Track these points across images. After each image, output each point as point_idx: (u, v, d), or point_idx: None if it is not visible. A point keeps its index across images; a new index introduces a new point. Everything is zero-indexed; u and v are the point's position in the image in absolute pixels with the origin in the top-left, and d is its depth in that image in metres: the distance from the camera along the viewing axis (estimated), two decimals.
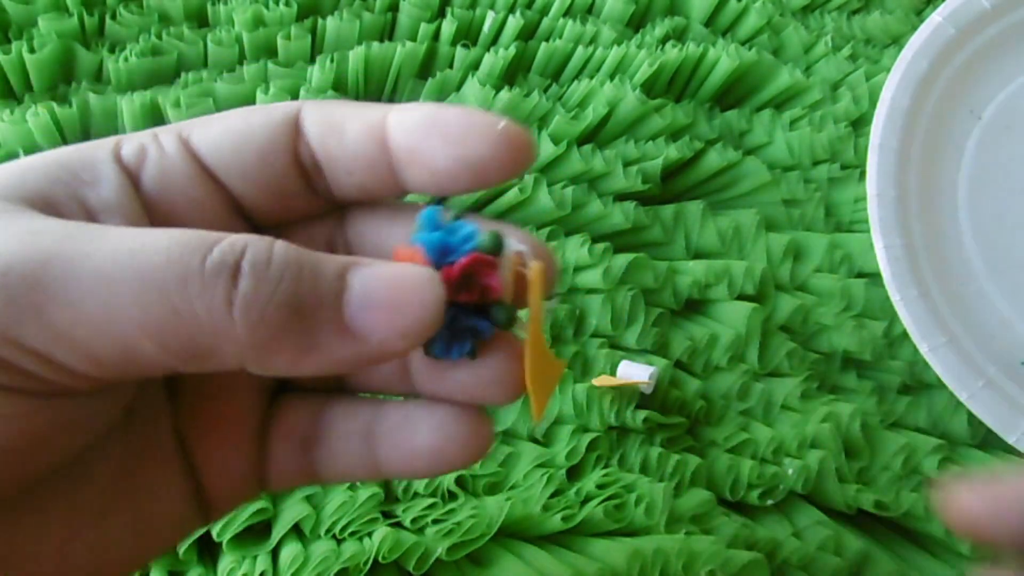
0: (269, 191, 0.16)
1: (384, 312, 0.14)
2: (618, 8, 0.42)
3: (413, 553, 0.27)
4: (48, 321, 0.13)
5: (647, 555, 0.27)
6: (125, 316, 0.13)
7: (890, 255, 0.34)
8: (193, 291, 0.13)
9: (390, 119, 0.16)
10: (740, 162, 0.38)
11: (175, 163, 0.16)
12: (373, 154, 0.16)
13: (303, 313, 0.13)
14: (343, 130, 0.16)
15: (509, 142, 0.15)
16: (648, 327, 0.34)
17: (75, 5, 0.38)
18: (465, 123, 0.15)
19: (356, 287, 0.14)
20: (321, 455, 0.18)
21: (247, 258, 0.13)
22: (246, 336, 0.13)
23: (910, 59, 0.36)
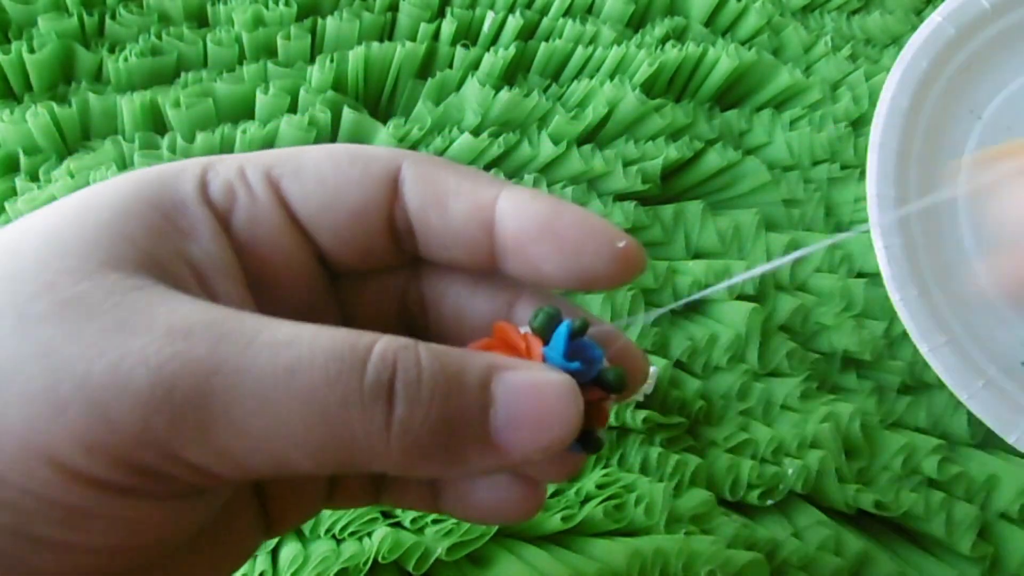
0: (357, 248, 0.16)
1: (529, 430, 0.14)
2: (618, 8, 0.42)
3: (413, 553, 0.27)
4: (211, 440, 0.13)
5: (647, 555, 0.27)
6: (285, 435, 0.13)
7: (890, 255, 0.34)
8: (354, 415, 0.13)
9: (501, 206, 0.15)
10: (740, 162, 0.38)
11: (265, 211, 0.15)
12: (477, 238, 0.16)
13: (452, 433, 0.13)
14: (447, 206, 0.16)
15: (626, 262, 0.15)
16: (648, 327, 0.34)
17: (75, 5, 0.38)
18: (584, 235, 0.15)
19: (501, 400, 0.14)
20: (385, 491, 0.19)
21: (399, 377, 0.13)
22: (399, 457, 0.13)
23: (910, 59, 0.36)
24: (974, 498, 0.32)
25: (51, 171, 0.34)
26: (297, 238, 0.16)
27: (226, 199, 0.15)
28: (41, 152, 0.35)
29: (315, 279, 0.17)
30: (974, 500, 0.32)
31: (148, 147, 0.35)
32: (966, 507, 0.32)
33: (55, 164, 0.34)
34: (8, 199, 0.33)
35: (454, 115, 0.37)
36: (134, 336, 0.12)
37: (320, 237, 0.16)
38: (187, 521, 0.14)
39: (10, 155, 0.34)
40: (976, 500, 0.32)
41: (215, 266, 0.15)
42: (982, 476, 0.32)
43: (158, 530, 0.14)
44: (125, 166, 0.34)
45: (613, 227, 0.15)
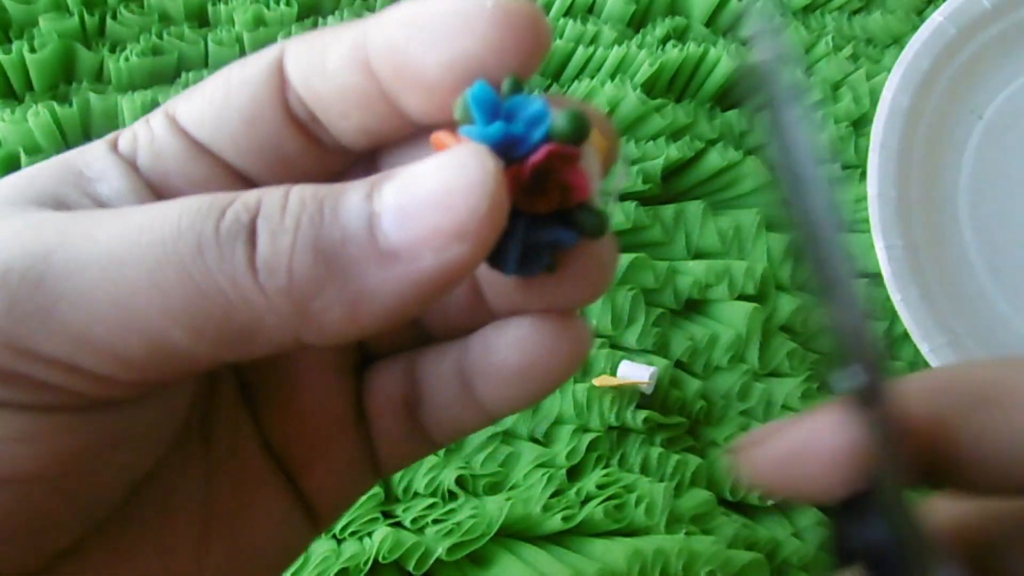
0: (267, 156, 0.14)
1: (423, 216, 0.11)
2: (619, 8, 0.41)
3: (413, 553, 0.27)
4: (61, 322, 0.11)
5: (647, 555, 0.27)
6: (144, 302, 0.11)
7: (891, 255, 0.34)
8: (211, 261, 0.11)
9: (368, 38, 0.13)
10: (741, 162, 0.38)
11: (166, 143, 0.14)
12: (361, 85, 0.13)
13: (330, 254, 0.11)
14: (324, 64, 0.13)
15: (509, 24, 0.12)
16: (648, 327, 0.33)
17: (76, 5, 0.38)
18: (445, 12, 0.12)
19: (387, 203, 0.11)
20: (428, 415, 0.15)
21: (261, 213, 0.11)
22: (281, 302, 0.11)
23: (911, 59, 0.36)
24: None
25: None
26: (209, 163, 0.14)
27: (131, 146, 0.14)
28: (42, 152, 0.35)
29: None
30: None
31: None
32: None
33: None
34: None
35: None
36: None
37: (224, 152, 0.14)
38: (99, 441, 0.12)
39: (11, 155, 0.34)
40: None
41: (125, 199, 0.13)
42: None
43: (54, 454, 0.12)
44: None
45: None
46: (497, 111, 0.12)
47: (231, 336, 0.11)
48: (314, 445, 0.15)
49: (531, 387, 0.14)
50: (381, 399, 0.16)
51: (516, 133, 0.12)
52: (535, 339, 0.14)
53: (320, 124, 0.14)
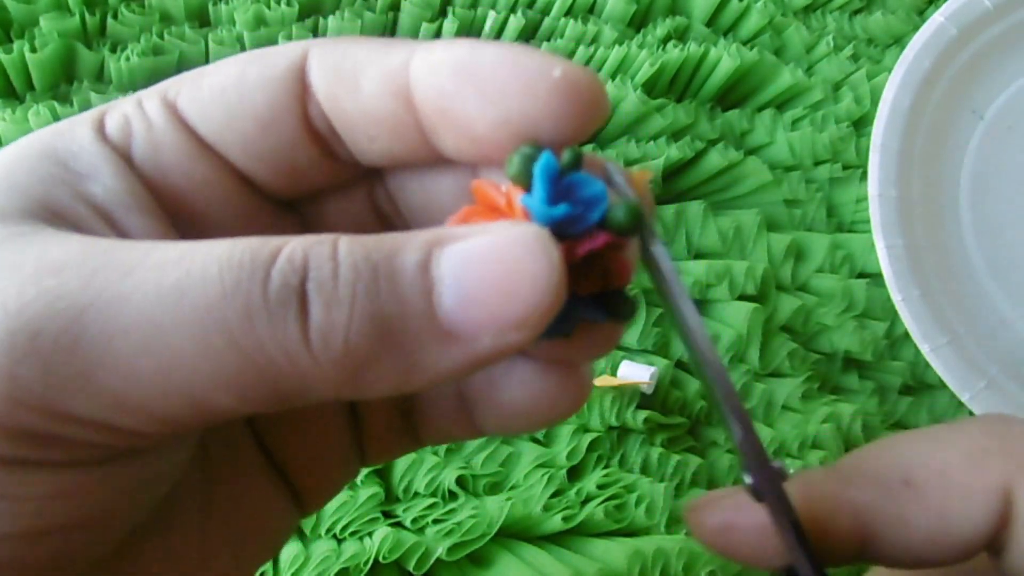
0: (279, 164, 0.13)
1: (487, 303, 0.11)
2: (619, 8, 0.41)
3: (413, 553, 0.27)
4: (99, 387, 0.10)
5: (647, 555, 0.27)
6: (189, 368, 0.10)
7: (892, 255, 0.34)
8: (262, 330, 0.10)
9: (414, 66, 0.12)
10: (741, 162, 0.38)
11: (166, 137, 0.13)
12: (397, 114, 0.13)
13: (391, 329, 0.11)
14: (357, 84, 0.13)
15: (571, 95, 0.12)
16: (649, 327, 0.33)
17: (77, 4, 0.38)
18: (507, 72, 0.12)
19: (446, 278, 0.11)
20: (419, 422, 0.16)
21: (311, 277, 0.11)
22: (334, 373, 0.11)
23: (912, 59, 0.36)
24: None
25: None
26: (212, 162, 0.13)
27: (123, 133, 0.13)
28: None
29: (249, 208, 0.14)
30: None
31: None
32: None
33: None
34: None
35: None
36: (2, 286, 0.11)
37: (232, 154, 0.13)
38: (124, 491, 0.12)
39: None
40: None
41: (122, 202, 0.12)
42: None
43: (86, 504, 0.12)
44: None
45: (547, 55, 0.12)
46: (558, 186, 0.12)
47: (276, 399, 0.11)
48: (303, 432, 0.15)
49: (529, 424, 0.15)
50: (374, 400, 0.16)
51: (575, 214, 0.12)
52: (541, 384, 0.14)
53: (339, 139, 0.13)
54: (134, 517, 0.13)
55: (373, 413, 0.16)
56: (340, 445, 0.16)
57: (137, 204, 0.13)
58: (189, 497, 0.14)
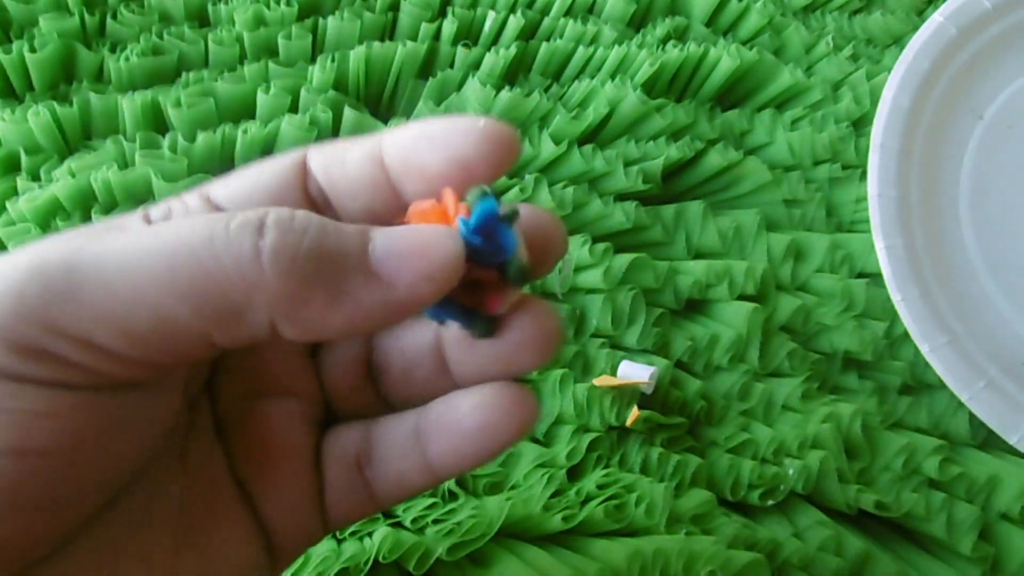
0: None
1: (408, 257, 0.14)
2: (619, 8, 0.41)
3: (413, 553, 0.27)
4: (84, 302, 0.13)
5: (647, 555, 0.27)
6: (155, 282, 0.13)
7: (891, 255, 0.34)
8: (220, 246, 0.13)
9: (384, 141, 0.17)
10: (741, 162, 0.38)
11: (193, 208, 0.16)
12: (373, 175, 0.17)
13: (330, 260, 0.14)
14: (344, 159, 0.17)
15: (492, 139, 0.16)
16: (649, 327, 0.33)
17: (76, 5, 0.38)
18: (449, 128, 0.16)
19: (378, 239, 0.14)
20: (375, 470, 0.18)
21: (271, 216, 0.14)
22: (276, 283, 0.13)
23: (911, 59, 0.36)
24: (975, 499, 0.32)
25: (52, 171, 0.34)
26: None
27: (164, 215, 0.16)
28: (42, 152, 0.35)
29: None
30: (975, 501, 0.32)
31: (149, 147, 0.35)
32: (967, 508, 0.32)
33: (56, 164, 0.34)
34: (9, 198, 0.33)
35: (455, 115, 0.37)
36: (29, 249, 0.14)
37: None
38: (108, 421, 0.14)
39: (11, 154, 0.34)
40: (977, 501, 0.32)
41: None
42: (983, 477, 0.32)
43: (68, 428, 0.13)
44: (126, 165, 0.34)
45: (475, 116, 0.17)
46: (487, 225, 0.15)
47: (224, 312, 0.13)
48: (275, 485, 0.18)
49: (482, 447, 0.17)
50: (336, 452, 0.18)
51: (486, 248, 0.15)
52: (493, 402, 0.17)
53: (331, 207, 0.17)
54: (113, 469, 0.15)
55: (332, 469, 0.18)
56: (306, 498, 0.18)
57: None
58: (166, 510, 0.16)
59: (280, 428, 0.18)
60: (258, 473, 0.18)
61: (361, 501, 0.18)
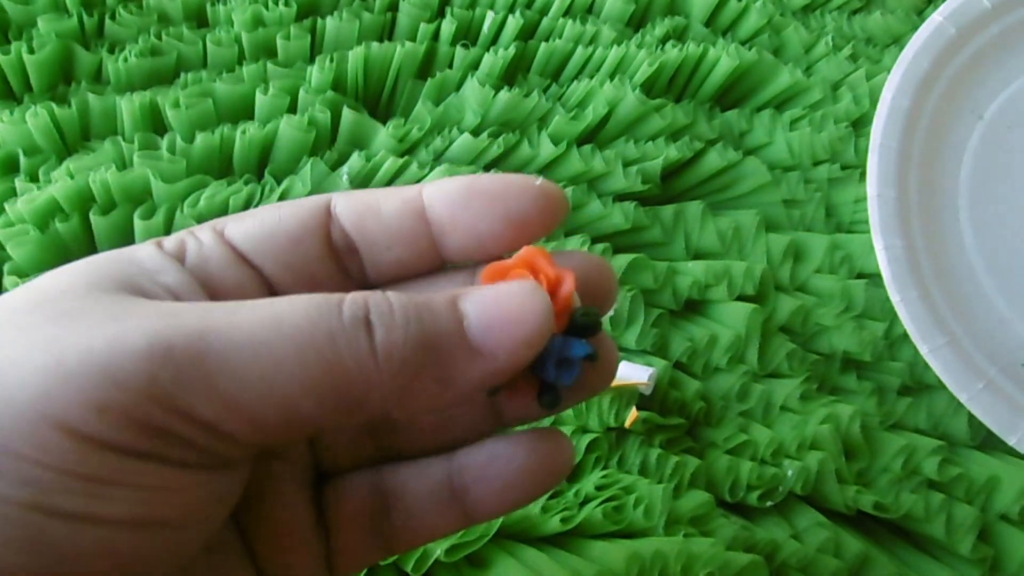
0: (301, 274, 0.17)
1: (504, 326, 0.15)
2: (618, 8, 0.41)
3: (412, 554, 0.27)
4: (217, 391, 0.13)
5: (646, 557, 0.27)
6: (286, 377, 0.14)
7: (890, 256, 0.34)
8: (342, 345, 0.14)
9: (426, 192, 0.17)
10: (740, 162, 0.38)
11: (212, 250, 0.17)
12: (412, 227, 0.17)
13: (434, 347, 0.14)
14: (379, 209, 0.17)
15: (547, 197, 0.16)
16: (647, 328, 0.33)
17: (74, 5, 0.38)
18: (503, 184, 0.16)
19: (471, 312, 0.15)
20: (398, 523, 0.18)
21: (372, 310, 0.14)
22: (391, 379, 0.14)
23: (911, 59, 0.36)
24: (974, 500, 0.32)
25: (51, 172, 0.34)
26: (247, 273, 0.17)
27: (178, 248, 0.17)
28: (41, 153, 0.35)
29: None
30: (974, 502, 0.32)
31: (148, 147, 0.35)
32: (966, 509, 0.32)
33: (55, 165, 0.34)
34: (8, 199, 0.33)
35: (454, 115, 0.37)
36: (128, 320, 0.14)
37: (265, 266, 0.17)
38: (212, 496, 0.15)
39: (10, 155, 0.34)
40: (976, 502, 0.32)
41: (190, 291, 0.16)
42: (982, 477, 0.32)
43: (182, 502, 0.14)
44: (125, 166, 0.34)
45: (527, 176, 0.17)
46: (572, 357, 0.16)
47: (344, 406, 0.14)
48: (281, 553, 0.18)
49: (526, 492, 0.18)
50: (347, 512, 0.18)
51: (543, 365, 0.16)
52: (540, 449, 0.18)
53: (355, 256, 0.18)
54: (202, 534, 0.15)
55: (346, 529, 0.18)
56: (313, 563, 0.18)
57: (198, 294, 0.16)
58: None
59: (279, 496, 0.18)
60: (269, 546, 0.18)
61: (374, 552, 0.18)
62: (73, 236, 0.33)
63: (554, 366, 0.16)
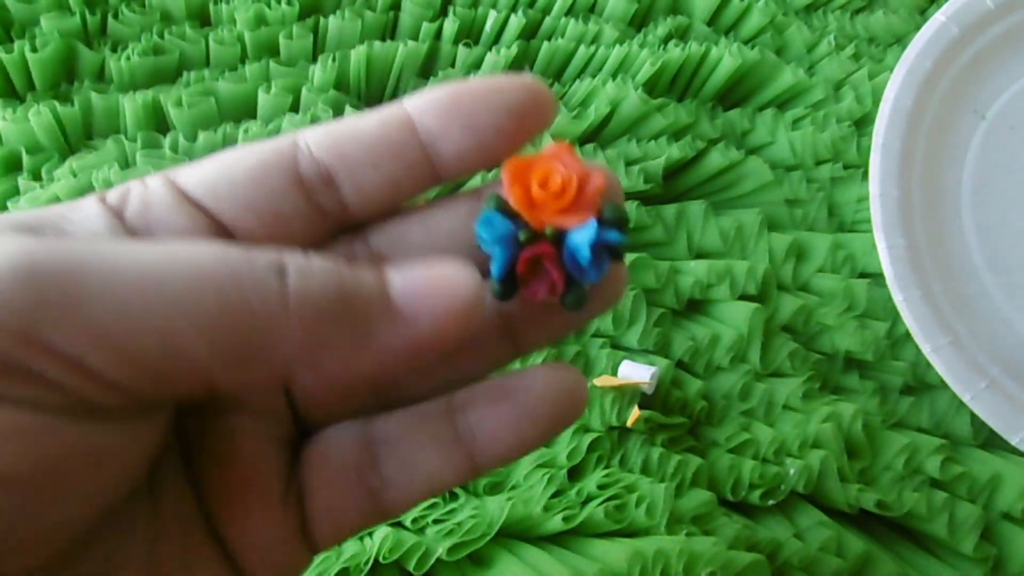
0: (264, 214, 0.15)
1: (430, 292, 0.13)
2: (620, 7, 0.41)
3: (414, 553, 0.27)
4: (86, 318, 0.11)
5: (648, 556, 0.27)
6: (172, 307, 0.12)
7: (893, 255, 0.34)
8: (248, 284, 0.12)
9: (409, 104, 0.15)
10: (742, 162, 0.38)
11: (156, 195, 0.15)
12: (400, 138, 0.15)
13: (351, 300, 0.13)
14: (357, 129, 0.16)
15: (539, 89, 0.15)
16: (650, 327, 0.33)
17: (77, 4, 0.38)
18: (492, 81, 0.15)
19: (397, 278, 0.14)
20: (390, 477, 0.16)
21: (290, 260, 0.13)
22: (300, 327, 0.13)
23: (913, 58, 0.35)
24: (977, 498, 0.32)
25: (53, 170, 0.34)
26: (196, 217, 0.15)
27: (120, 198, 0.15)
28: (43, 151, 0.35)
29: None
30: (977, 500, 0.32)
31: (150, 146, 0.35)
32: (969, 507, 0.32)
33: (57, 163, 0.34)
34: (11, 198, 0.33)
35: None
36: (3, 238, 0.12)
37: (220, 208, 0.15)
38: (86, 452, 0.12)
39: (13, 154, 0.34)
40: (979, 500, 0.32)
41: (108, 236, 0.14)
42: (985, 476, 0.32)
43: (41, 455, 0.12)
44: (127, 165, 0.34)
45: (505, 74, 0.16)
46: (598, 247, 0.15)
47: (241, 353, 0.12)
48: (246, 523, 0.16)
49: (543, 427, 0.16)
50: (327, 467, 0.16)
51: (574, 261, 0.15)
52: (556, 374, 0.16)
53: (331, 186, 0.16)
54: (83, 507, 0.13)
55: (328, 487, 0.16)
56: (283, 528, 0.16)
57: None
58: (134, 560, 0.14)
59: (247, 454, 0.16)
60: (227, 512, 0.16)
61: (361, 515, 0.16)
62: None
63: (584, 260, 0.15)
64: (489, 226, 0.15)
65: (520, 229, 0.15)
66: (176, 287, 0.12)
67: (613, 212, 0.16)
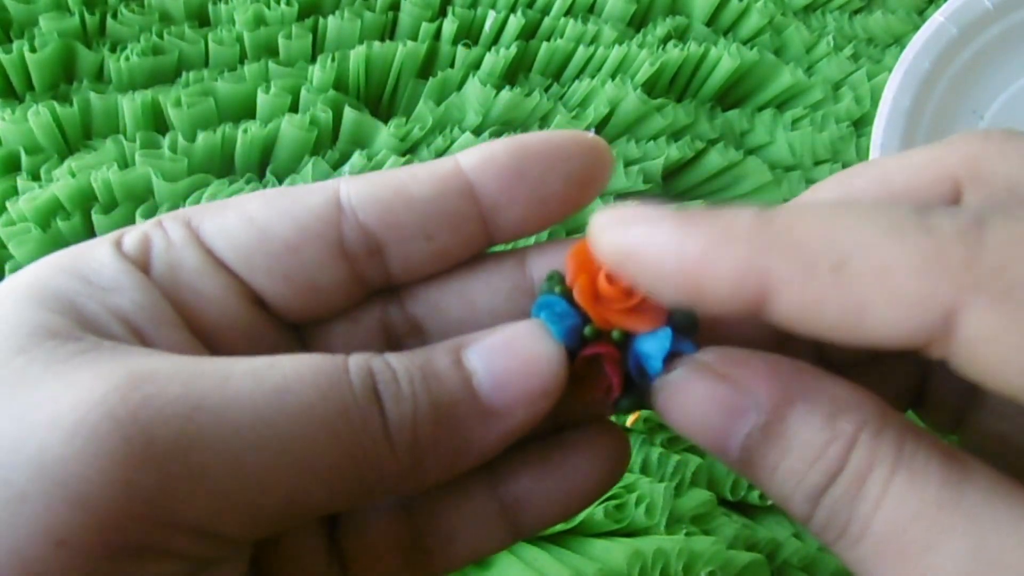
0: (299, 285, 0.14)
1: (518, 379, 0.13)
2: (619, 7, 0.41)
3: None
4: (211, 487, 0.11)
5: (647, 556, 0.27)
6: (294, 464, 0.11)
7: None
8: (356, 424, 0.12)
9: (467, 164, 0.14)
10: (741, 162, 0.38)
11: (184, 256, 0.14)
12: (457, 208, 0.14)
13: (446, 416, 0.13)
14: (410, 194, 0.14)
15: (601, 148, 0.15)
16: None
17: (76, 4, 0.38)
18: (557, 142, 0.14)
19: (479, 368, 0.13)
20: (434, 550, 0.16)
21: (378, 379, 0.13)
22: (406, 458, 0.12)
23: (912, 59, 0.36)
24: None
25: (52, 170, 0.34)
26: (225, 282, 0.14)
27: (142, 247, 0.14)
28: (42, 151, 0.35)
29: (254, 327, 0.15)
30: None
31: (149, 146, 0.35)
32: None
33: (56, 163, 0.34)
34: (9, 198, 0.33)
35: (455, 115, 0.37)
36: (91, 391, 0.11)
37: (254, 276, 0.14)
38: None
39: (11, 154, 0.34)
40: None
41: (150, 316, 0.13)
42: None
43: None
44: (126, 165, 0.34)
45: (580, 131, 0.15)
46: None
47: (356, 489, 0.12)
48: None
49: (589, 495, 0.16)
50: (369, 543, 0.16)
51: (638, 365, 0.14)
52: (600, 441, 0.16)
53: (378, 255, 0.14)
54: None
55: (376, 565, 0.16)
56: None
57: (164, 317, 0.14)
58: None
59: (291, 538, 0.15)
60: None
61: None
62: (75, 235, 0.33)
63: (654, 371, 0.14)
64: (550, 312, 0.14)
65: (586, 322, 0.14)
66: (292, 436, 0.11)
67: (685, 320, 0.14)
